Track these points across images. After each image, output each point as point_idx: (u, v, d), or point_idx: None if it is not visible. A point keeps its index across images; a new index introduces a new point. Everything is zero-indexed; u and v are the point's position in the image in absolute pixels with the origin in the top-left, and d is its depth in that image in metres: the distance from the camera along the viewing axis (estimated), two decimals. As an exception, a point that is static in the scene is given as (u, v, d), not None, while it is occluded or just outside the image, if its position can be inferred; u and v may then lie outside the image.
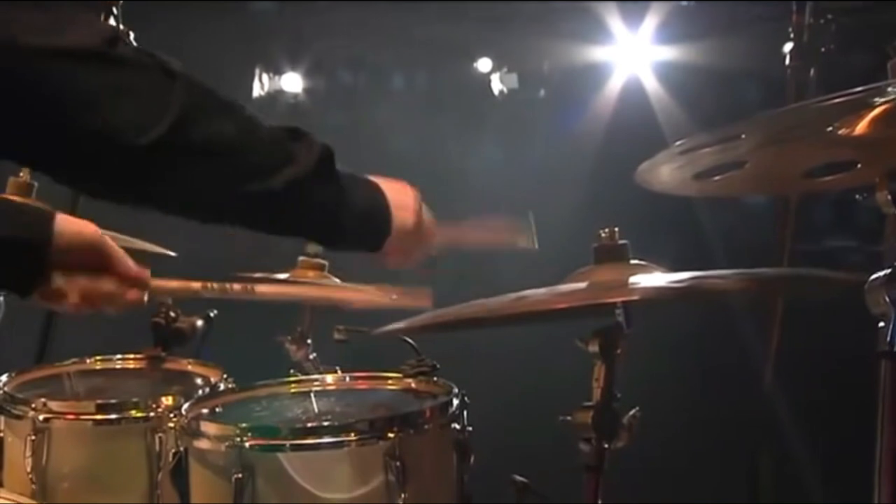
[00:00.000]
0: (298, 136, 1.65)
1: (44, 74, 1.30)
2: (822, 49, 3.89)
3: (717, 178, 1.84)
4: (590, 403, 2.15)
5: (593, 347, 2.17)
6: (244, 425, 2.30)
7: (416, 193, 1.91)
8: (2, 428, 2.75)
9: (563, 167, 5.52)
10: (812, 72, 3.93)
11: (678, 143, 1.62)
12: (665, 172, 1.80)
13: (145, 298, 1.90)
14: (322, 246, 1.75)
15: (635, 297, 2.06)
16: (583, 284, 2.16)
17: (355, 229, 1.77)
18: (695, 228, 5.04)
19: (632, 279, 2.12)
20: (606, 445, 2.09)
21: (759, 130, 1.68)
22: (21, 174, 3.05)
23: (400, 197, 1.84)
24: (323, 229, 1.74)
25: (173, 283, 2.15)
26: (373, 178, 1.82)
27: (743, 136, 1.61)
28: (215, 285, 2.10)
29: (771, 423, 4.15)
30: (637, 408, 2.15)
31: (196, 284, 2.10)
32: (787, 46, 4.32)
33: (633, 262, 2.23)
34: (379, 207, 1.78)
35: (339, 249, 1.81)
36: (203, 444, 2.34)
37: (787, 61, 4.08)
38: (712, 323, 4.44)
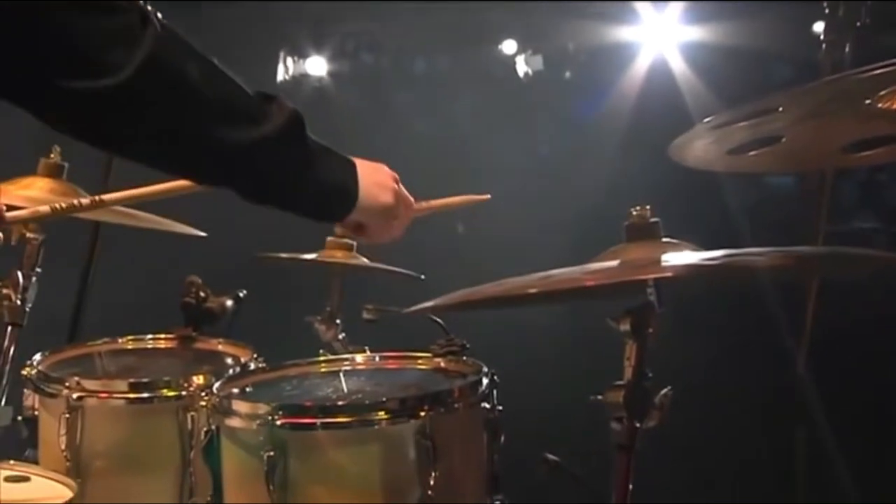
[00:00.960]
0: (271, 98, 1.65)
1: (18, 8, 1.30)
2: (858, 24, 3.82)
3: (752, 153, 1.81)
4: (621, 382, 2.13)
5: (625, 326, 2.15)
6: (275, 404, 2.30)
7: (392, 174, 1.92)
8: (36, 407, 2.77)
9: (589, 148, 5.47)
10: (847, 48, 3.86)
11: (712, 117, 1.59)
12: (699, 148, 1.77)
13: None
14: (280, 209, 1.73)
15: (667, 275, 2.03)
16: (614, 262, 2.14)
17: (316, 197, 1.77)
18: (725, 206, 4.98)
19: (664, 257, 2.09)
20: (638, 425, 2.06)
21: (796, 104, 1.64)
22: (52, 155, 3.06)
23: (374, 175, 1.84)
24: (282, 192, 1.72)
25: (24, 212, 2.22)
26: (350, 157, 1.82)
27: (780, 109, 1.58)
28: (63, 205, 2.25)
29: (805, 402, 4.10)
30: (669, 387, 2.12)
31: (45, 208, 2.24)
32: (819, 25, 4.26)
33: (664, 239, 2.20)
34: (346, 181, 1.78)
35: (298, 215, 1.80)
36: (234, 422, 2.34)
37: (822, 37, 4.01)
38: (745, 301, 4.40)
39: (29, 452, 2.82)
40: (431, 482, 2.22)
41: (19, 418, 2.89)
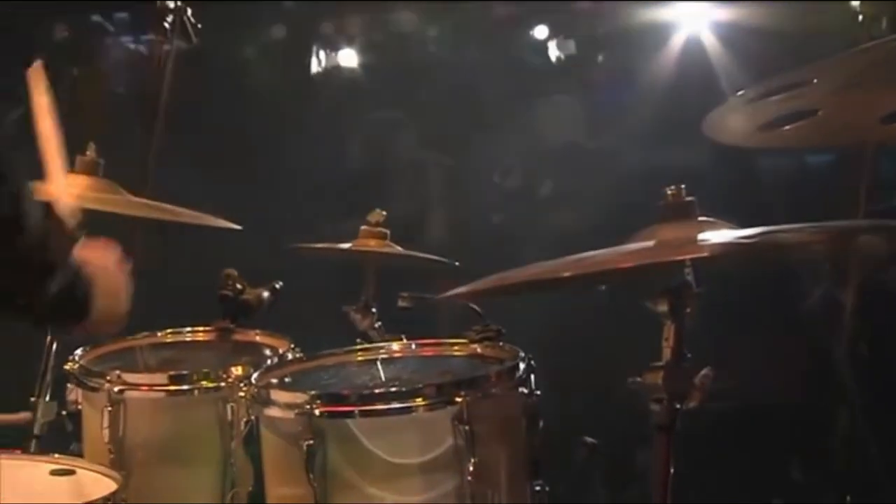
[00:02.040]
0: None
1: None
2: (896, -2, 3.74)
3: (787, 127, 1.77)
4: (660, 364, 2.10)
5: (662, 307, 2.12)
6: (313, 393, 2.30)
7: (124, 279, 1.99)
8: (80, 401, 2.81)
9: (623, 131, 5.42)
10: (884, 22, 3.78)
11: (745, 90, 1.56)
12: (733, 123, 1.73)
13: None
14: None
15: (704, 254, 2.00)
16: (649, 243, 2.11)
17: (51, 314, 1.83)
18: (763, 184, 4.91)
19: (700, 236, 2.06)
20: (678, 406, 2.04)
21: (831, 75, 1.60)
22: (88, 152, 3.09)
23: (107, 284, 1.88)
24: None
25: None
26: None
27: (815, 80, 1.54)
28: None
29: (846, 382, 4.03)
30: (708, 367, 2.09)
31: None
32: (856, 2, 4.18)
33: (700, 218, 2.17)
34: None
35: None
36: (273, 412, 2.35)
37: (859, 10, 3.93)
38: (784, 280, 4.33)
39: (74, 446, 2.86)
40: (470, 468, 2.21)
41: (64, 413, 2.93)
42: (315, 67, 6.00)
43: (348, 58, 6.00)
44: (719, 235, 2.03)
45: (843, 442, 4.11)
